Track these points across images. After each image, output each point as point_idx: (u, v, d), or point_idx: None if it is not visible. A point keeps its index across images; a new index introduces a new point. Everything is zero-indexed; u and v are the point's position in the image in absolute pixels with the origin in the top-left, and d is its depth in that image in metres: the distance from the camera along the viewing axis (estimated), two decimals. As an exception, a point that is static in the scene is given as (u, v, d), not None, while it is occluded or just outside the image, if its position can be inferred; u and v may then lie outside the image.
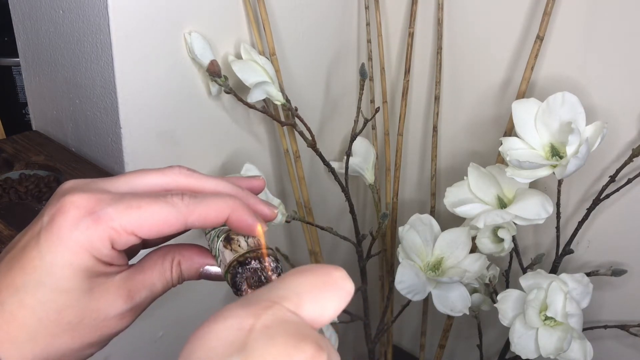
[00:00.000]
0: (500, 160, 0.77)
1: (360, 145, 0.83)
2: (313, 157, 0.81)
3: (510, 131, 0.76)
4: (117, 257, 0.32)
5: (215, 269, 0.35)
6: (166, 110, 0.66)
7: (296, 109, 0.71)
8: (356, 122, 0.72)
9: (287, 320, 0.24)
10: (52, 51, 0.66)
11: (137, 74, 0.62)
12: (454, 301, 0.73)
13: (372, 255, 0.80)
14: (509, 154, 0.66)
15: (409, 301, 0.75)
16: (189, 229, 0.32)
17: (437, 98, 0.84)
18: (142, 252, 0.36)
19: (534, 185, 0.72)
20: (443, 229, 0.76)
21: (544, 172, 0.65)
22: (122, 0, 0.58)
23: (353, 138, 0.73)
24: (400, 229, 0.75)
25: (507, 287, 0.76)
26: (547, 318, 0.69)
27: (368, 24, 0.84)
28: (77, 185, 0.32)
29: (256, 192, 0.37)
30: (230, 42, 0.70)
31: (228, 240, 0.33)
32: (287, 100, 0.70)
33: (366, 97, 0.87)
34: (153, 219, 0.31)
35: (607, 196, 0.70)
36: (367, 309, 0.85)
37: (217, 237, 0.34)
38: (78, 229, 0.30)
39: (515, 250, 0.75)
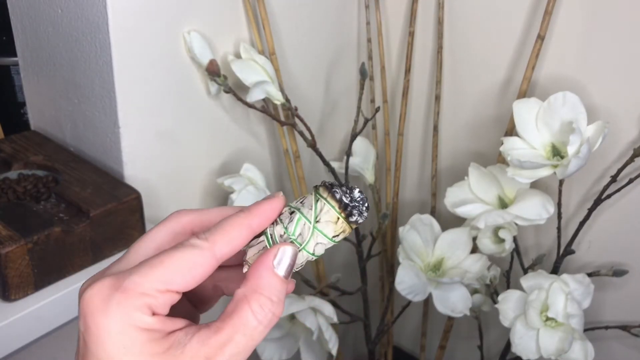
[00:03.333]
0: (501, 160, 0.77)
1: (360, 145, 0.83)
2: (313, 157, 0.81)
3: (511, 131, 0.76)
4: (170, 323, 0.29)
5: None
6: (165, 110, 0.66)
7: (296, 109, 0.70)
8: (356, 121, 0.72)
9: None
10: (51, 50, 0.66)
11: (136, 74, 0.62)
12: (454, 302, 0.73)
13: (372, 255, 0.80)
14: (510, 153, 0.66)
15: (409, 302, 0.74)
16: (222, 263, 0.30)
17: (437, 97, 0.84)
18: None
19: (535, 185, 0.72)
20: (444, 229, 0.76)
21: (545, 172, 0.65)
22: (120, -1, 0.58)
23: (353, 138, 0.73)
24: (400, 229, 0.75)
25: (508, 287, 0.75)
26: (548, 319, 0.69)
27: (368, 23, 0.83)
28: (89, 282, 0.29)
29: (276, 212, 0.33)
30: (229, 41, 0.70)
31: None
32: (287, 99, 0.70)
33: (366, 97, 0.86)
34: (181, 268, 0.28)
35: (609, 196, 0.70)
36: (367, 309, 0.84)
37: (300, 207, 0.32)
38: (110, 312, 0.27)
39: (516, 250, 0.75)
